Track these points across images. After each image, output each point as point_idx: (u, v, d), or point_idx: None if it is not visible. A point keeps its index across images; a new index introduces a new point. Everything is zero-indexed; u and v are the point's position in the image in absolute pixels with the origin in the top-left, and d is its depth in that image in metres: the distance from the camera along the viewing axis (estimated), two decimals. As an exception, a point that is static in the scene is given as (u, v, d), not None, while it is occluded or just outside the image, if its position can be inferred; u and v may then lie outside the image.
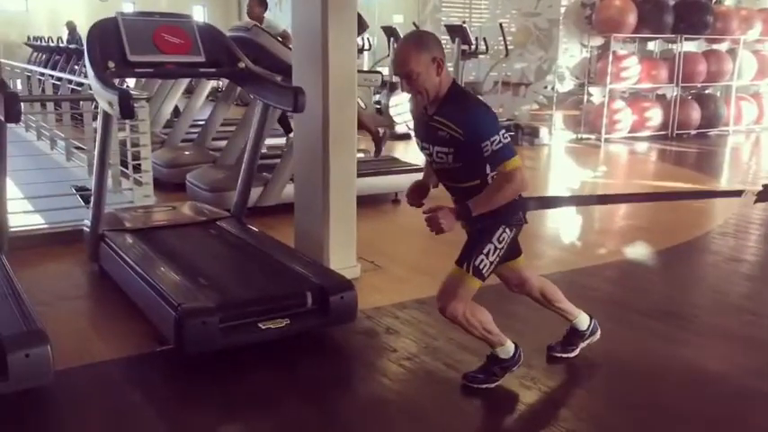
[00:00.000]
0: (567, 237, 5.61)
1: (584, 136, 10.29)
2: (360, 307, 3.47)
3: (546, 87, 10.26)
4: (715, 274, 4.79)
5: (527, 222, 2.90)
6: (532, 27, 10.31)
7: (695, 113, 10.66)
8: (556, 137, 10.15)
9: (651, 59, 10.70)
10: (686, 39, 10.47)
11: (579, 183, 7.97)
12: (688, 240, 5.34)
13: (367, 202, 5.59)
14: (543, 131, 10.09)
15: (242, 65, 3.96)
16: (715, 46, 11.06)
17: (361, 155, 6.94)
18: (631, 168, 9.27)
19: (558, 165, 9.28)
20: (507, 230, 2.79)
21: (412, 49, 2.63)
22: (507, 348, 2.96)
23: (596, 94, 10.45)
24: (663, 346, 3.45)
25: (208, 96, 8.33)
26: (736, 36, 10.85)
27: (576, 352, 3.24)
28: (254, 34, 5.58)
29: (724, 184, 8.26)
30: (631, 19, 9.88)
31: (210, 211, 4.67)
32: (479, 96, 3.54)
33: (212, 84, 9.17)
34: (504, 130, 2.58)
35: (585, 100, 10.48)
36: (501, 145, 2.54)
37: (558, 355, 3.24)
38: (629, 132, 10.37)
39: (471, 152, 2.59)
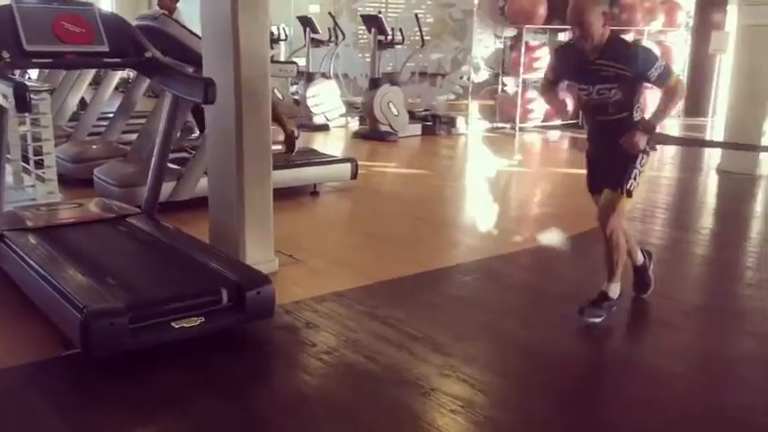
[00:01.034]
0: (484, 225, 5.71)
1: (500, 125, 10.49)
2: (278, 302, 3.41)
3: (462, 78, 10.39)
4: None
5: (656, 150, 3.57)
6: (448, 18, 10.42)
7: (604, 102, 11.02)
8: (472, 126, 10.30)
9: (562, 50, 10.97)
10: (594, 30, 10.78)
11: (495, 170, 8.13)
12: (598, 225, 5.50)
13: (285, 195, 5.52)
14: (460, 121, 10.22)
15: (148, 55, 3.81)
16: (622, 36, 11.43)
17: (278, 147, 6.84)
18: (545, 156, 9.52)
19: (475, 153, 9.43)
20: (645, 156, 3.42)
21: (589, 1, 3.21)
22: (616, 289, 3.53)
23: (510, 84, 10.66)
24: (576, 329, 3.55)
25: (117, 88, 8.01)
26: (640, 27, 11.28)
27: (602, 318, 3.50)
28: (162, 23, 5.39)
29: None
30: (542, 10, 10.12)
31: (120, 207, 4.49)
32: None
33: (121, 75, 8.83)
34: (660, 59, 3.27)
35: (500, 90, 10.68)
36: (662, 68, 3.24)
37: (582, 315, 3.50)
38: (543, 121, 10.64)
39: (632, 85, 3.28)
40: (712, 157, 8.17)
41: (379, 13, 10.64)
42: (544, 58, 10.40)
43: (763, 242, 5.41)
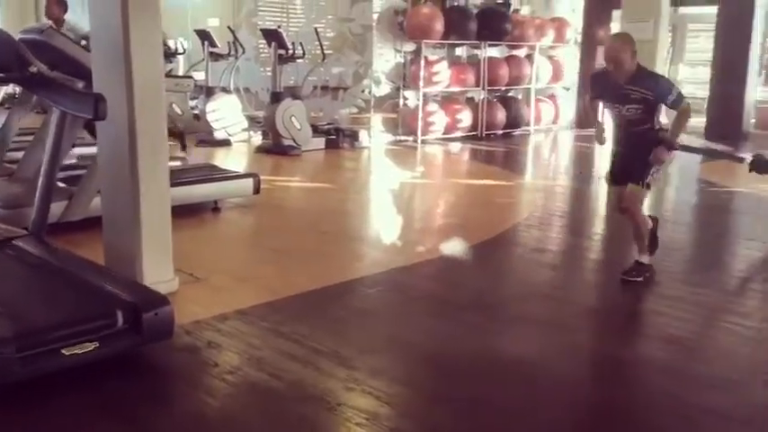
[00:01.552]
0: (388, 237, 5.76)
1: (402, 138, 10.64)
2: (178, 322, 3.31)
3: (363, 91, 10.48)
4: (521, 264, 5.14)
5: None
6: (348, 32, 10.50)
7: (501, 115, 11.41)
8: (375, 139, 10.41)
9: (459, 64, 11.29)
10: (489, 45, 11.17)
11: (399, 183, 8.23)
12: (498, 234, 5.68)
13: (186, 212, 5.38)
14: (363, 134, 10.30)
15: (33, 69, 3.64)
16: (515, 52, 11.90)
17: (177, 163, 6.67)
18: (447, 167, 9.73)
19: (378, 166, 9.52)
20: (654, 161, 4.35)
21: (622, 44, 4.19)
22: (646, 258, 4.49)
23: (411, 98, 10.85)
24: (478, 337, 3.63)
25: (2, 103, 7.59)
26: (532, 43, 11.75)
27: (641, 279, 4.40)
28: (49, 36, 5.13)
29: (529, 178, 8.92)
30: (439, 26, 10.37)
31: (5, 229, 4.24)
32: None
33: (6, 89, 8.37)
34: (676, 87, 4.32)
35: (402, 103, 10.84)
36: (676, 95, 4.20)
37: (626, 278, 4.42)
38: (444, 134, 10.87)
39: (653, 105, 4.24)
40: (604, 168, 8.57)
41: (279, 27, 10.59)
42: (443, 71, 10.67)
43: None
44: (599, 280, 4.93)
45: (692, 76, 13.96)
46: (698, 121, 11.58)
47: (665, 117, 4.50)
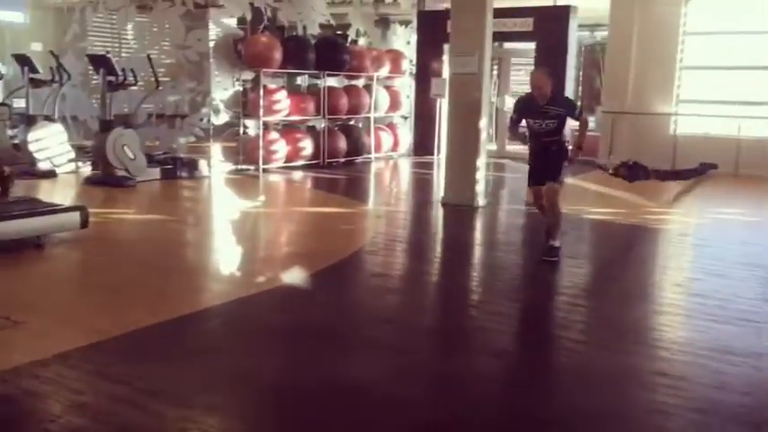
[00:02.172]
0: (227, 268, 5.63)
1: (243, 167, 10.48)
2: (-10, 372, 3.02)
3: (202, 120, 10.24)
4: (362, 290, 5.21)
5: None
6: (183, 59, 10.22)
7: (342, 143, 11.58)
8: (216, 168, 10.18)
9: (299, 93, 11.35)
10: (328, 74, 11.33)
11: (239, 212, 8.09)
12: (339, 260, 5.71)
13: (3, 250, 4.95)
14: (202, 163, 10.04)
15: None
16: (354, 82, 12.16)
17: (-8, 197, 6.13)
18: (289, 196, 9.69)
19: (218, 195, 9.31)
20: (567, 163, 5.72)
21: (546, 75, 5.61)
22: (558, 242, 5.69)
23: (252, 126, 10.73)
24: (318, 365, 3.60)
25: None
26: (370, 73, 12.07)
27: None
28: None
29: (370, 204, 9.09)
30: (277, 55, 10.38)
31: None
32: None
33: None
34: (578, 105, 6.16)
35: (242, 132, 10.70)
36: (579, 110, 5.76)
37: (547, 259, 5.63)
38: (285, 162, 10.84)
39: (564, 119, 5.55)
40: (439, 191, 8.92)
41: (108, 52, 10.13)
42: (283, 100, 10.67)
43: (483, 267, 6.03)
44: (437, 302, 5.10)
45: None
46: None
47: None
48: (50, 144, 9.66)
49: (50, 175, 9.38)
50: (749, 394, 3.34)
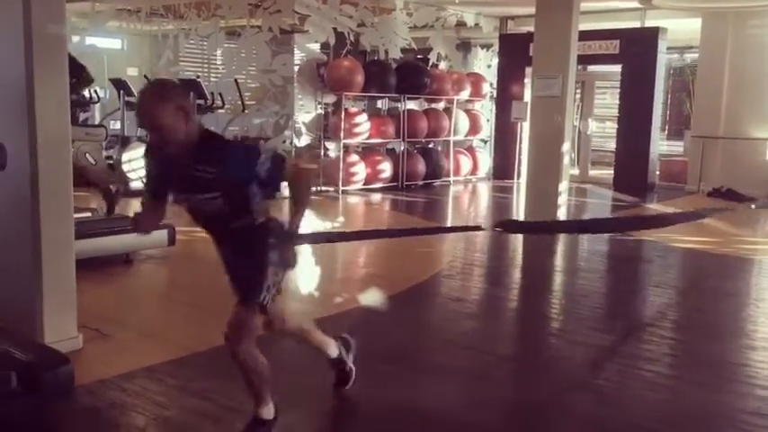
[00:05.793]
0: (306, 288, 5.69)
1: (324, 188, 10.64)
2: (81, 382, 3.15)
3: (284, 142, 10.47)
4: (440, 314, 5.15)
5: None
6: (268, 83, 10.52)
7: (421, 166, 11.60)
8: (296, 190, 10.34)
9: (380, 116, 11.46)
10: (408, 98, 11.41)
11: (319, 233, 8.17)
12: (417, 284, 5.69)
13: (94, 265, 5.17)
14: (284, 185, 10.22)
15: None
16: (434, 105, 12.20)
17: (88, 214, 6.43)
18: (367, 217, 9.75)
19: (299, 217, 9.44)
20: (282, 267, 2.99)
21: (158, 101, 2.53)
22: (269, 411, 3.00)
23: (332, 149, 10.90)
24: (394, 388, 3.58)
25: None
26: (450, 96, 12.08)
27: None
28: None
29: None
30: (359, 79, 10.54)
31: None
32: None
33: None
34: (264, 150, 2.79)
35: (323, 154, 10.88)
36: (269, 162, 2.66)
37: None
38: (365, 184, 10.94)
39: (238, 188, 2.67)
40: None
41: (198, 77, 10.52)
42: (363, 123, 10.80)
43: (564, 294, 5.87)
44: (515, 329, 4.99)
45: (601, 131, 14.63)
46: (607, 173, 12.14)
47: None
48: (142, 164, 10.08)
49: (141, 193, 9.76)
50: None
